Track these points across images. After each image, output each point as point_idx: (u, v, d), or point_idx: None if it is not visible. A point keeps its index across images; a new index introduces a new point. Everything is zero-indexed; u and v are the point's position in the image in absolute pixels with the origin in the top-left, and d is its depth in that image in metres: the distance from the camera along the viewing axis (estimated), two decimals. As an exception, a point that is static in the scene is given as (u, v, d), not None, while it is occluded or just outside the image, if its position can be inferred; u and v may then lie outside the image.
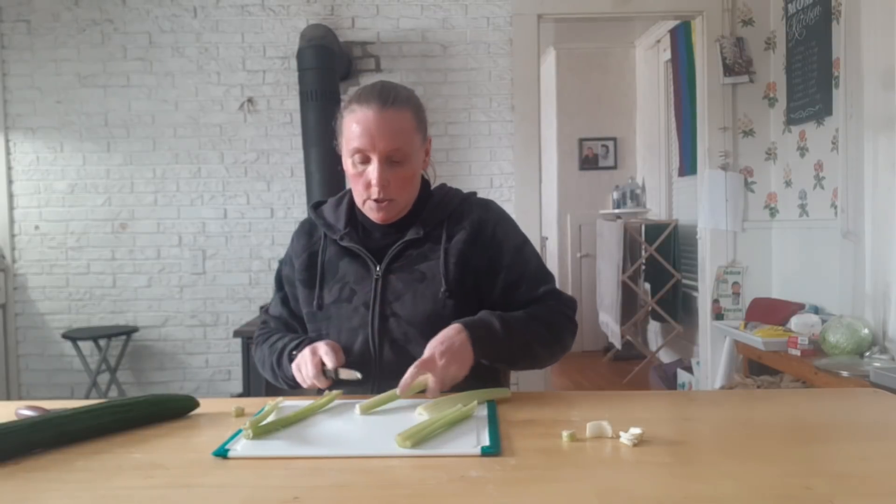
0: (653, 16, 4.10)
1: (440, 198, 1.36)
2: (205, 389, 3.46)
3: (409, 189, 1.29)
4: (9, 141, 3.46)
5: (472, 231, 1.31)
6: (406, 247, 1.31)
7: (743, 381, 3.00)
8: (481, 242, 1.31)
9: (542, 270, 1.36)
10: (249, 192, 3.48)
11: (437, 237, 1.31)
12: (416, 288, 1.28)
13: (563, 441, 0.92)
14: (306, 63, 3.11)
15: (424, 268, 1.29)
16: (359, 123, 1.22)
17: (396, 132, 1.22)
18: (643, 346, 4.97)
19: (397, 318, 1.26)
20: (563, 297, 1.34)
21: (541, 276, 1.35)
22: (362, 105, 1.23)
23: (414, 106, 1.28)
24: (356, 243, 1.32)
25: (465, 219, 1.33)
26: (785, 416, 1.07)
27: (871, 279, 2.65)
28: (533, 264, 1.34)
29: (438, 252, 1.30)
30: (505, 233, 1.34)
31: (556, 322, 1.29)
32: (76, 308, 3.51)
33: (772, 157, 3.49)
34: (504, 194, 3.49)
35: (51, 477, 0.84)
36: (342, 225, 1.35)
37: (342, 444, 0.94)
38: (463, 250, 1.30)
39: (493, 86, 3.48)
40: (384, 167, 1.23)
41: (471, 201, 1.38)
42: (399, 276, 1.29)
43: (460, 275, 1.28)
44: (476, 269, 1.30)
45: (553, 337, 1.28)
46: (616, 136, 5.48)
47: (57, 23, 3.43)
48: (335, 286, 1.32)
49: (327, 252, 1.35)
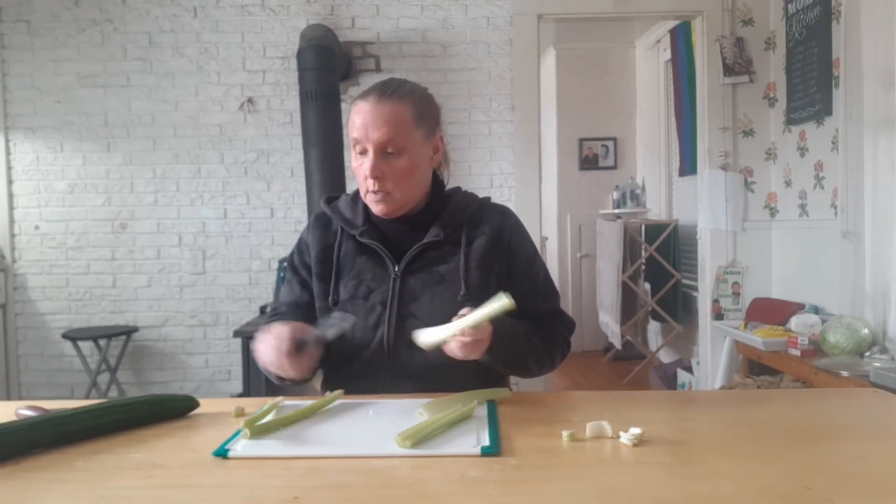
0: (653, 16, 4.10)
1: (459, 201, 1.36)
2: (205, 389, 3.46)
3: (408, 183, 1.27)
4: (9, 141, 3.46)
5: (492, 237, 1.32)
6: (425, 248, 1.30)
7: (743, 381, 3.00)
8: (500, 249, 1.33)
9: (550, 286, 1.38)
10: (249, 192, 3.48)
11: (457, 240, 1.31)
12: (434, 290, 1.28)
13: (563, 441, 0.92)
14: (306, 63, 3.11)
15: (443, 270, 1.29)
16: (358, 115, 1.24)
17: (390, 123, 1.22)
18: (643, 346, 4.97)
19: (415, 318, 1.26)
20: (565, 319, 1.38)
21: (548, 292, 1.37)
22: (363, 98, 1.25)
23: (416, 100, 1.27)
24: (376, 240, 1.31)
25: (485, 223, 1.34)
26: (785, 416, 1.07)
27: (871, 279, 2.65)
28: (541, 278, 1.37)
29: (458, 255, 1.30)
30: (520, 243, 1.36)
31: (554, 342, 1.32)
32: (76, 308, 3.51)
33: (772, 157, 3.49)
34: (504, 194, 3.49)
35: (51, 477, 0.84)
36: (360, 221, 1.34)
37: (342, 444, 0.94)
38: (483, 255, 1.30)
39: (493, 86, 3.48)
40: (378, 158, 1.23)
41: (490, 206, 1.39)
42: (418, 276, 1.29)
43: (479, 279, 1.29)
44: (494, 275, 1.31)
45: (547, 355, 1.30)
46: (616, 136, 5.48)
47: (57, 23, 3.43)
48: (351, 282, 1.31)
49: (343, 247, 1.34)
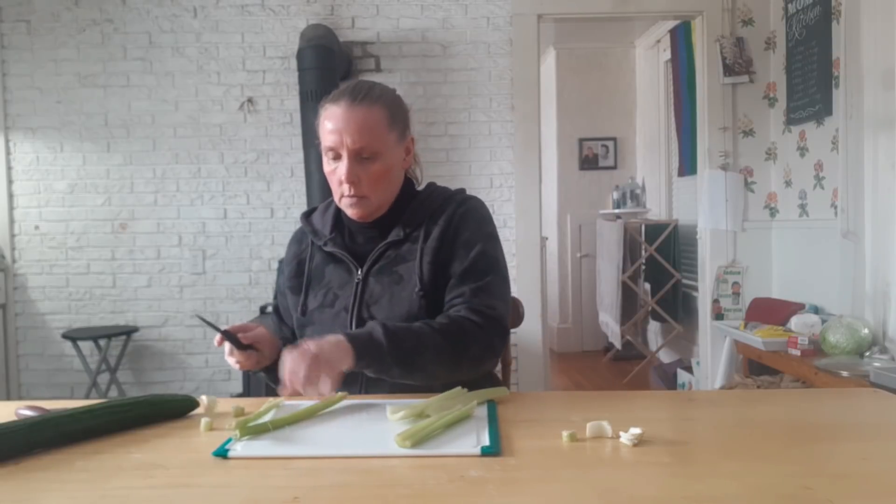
0: (653, 16, 4.10)
1: (423, 198, 1.35)
2: (205, 389, 3.46)
3: (383, 186, 1.28)
4: (9, 141, 3.46)
5: (443, 227, 1.30)
6: (386, 248, 1.30)
7: (743, 381, 3.00)
8: (447, 238, 1.29)
9: (478, 268, 1.26)
10: (249, 192, 3.48)
11: (416, 237, 1.31)
12: (392, 290, 1.28)
13: (563, 441, 0.92)
14: (306, 63, 3.11)
15: (402, 269, 1.29)
16: (330, 120, 1.24)
17: (364, 129, 1.22)
18: (643, 346, 4.97)
19: (375, 321, 1.25)
20: (482, 301, 1.23)
21: (469, 274, 1.25)
22: (334, 102, 1.24)
23: (388, 103, 1.27)
24: (340, 248, 1.33)
25: (442, 216, 1.31)
26: (785, 416, 1.07)
27: (871, 279, 2.65)
28: (473, 260, 1.26)
29: (416, 252, 1.29)
30: (465, 227, 1.29)
31: (457, 331, 1.19)
32: (76, 308, 3.51)
33: (772, 157, 3.49)
34: (504, 194, 3.49)
35: (51, 477, 0.84)
36: (328, 230, 1.36)
37: (342, 444, 0.94)
38: (435, 248, 1.28)
39: (493, 86, 3.48)
40: (353, 164, 1.23)
41: (454, 199, 1.35)
42: (378, 278, 1.29)
43: (433, 274, 1.27)
44: (444, 266, 1.28)
45: (452, 346, 1.17)
46: (616, 136, 5.48)
47: (57, 23, 3.43)
48: (320, 292, 1.33)
49: (314, 259, 1.37)
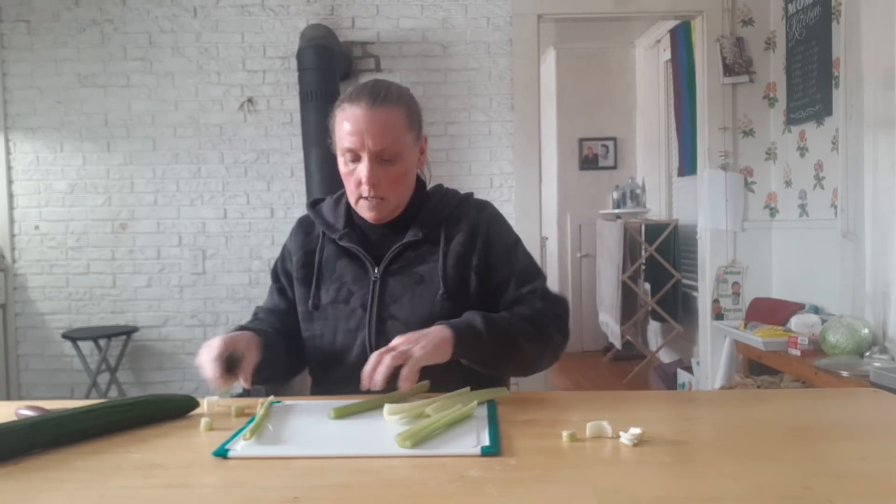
0: (653, 16, 4.10)
1: (438, 199, 1.35)
2: (205, 389, 3.42)
3: (402, 188, 1.28)
4: (9, 141, 3.46)
5: (469, 233, 1.31)
6: (404, 249, 1.30)
7: (743, 381, 3.00)
8: (477, 244, 1.31)
9: (531, 269, 1.32)
10: (249, 192, 3.48)
11: (436, 239, 1.31)
12: (414, 290, 1.27)
13: (563, 441, 0.92)
14: (306, 63, 3.11)
15: (423, 270, 1.29)
16: (349, 121, 1.22)
17: (386, 130, 1.21)
18: (643, 346, 4.97)
19: (395, 320, 1.26)
20: (550, 296, 1.30)
21: (528, 275, 1.31)
22: (353, 103, 1.23)
23: (406, 104, 1.27)
24: (355, 244, 1.31)
25: (463, 220, 1.32)
26: (785, 416, 1.07)
27: (871, 279, 2.65)
28: (522, 264, 1.32)
29: (437, 254, 1.29)
30: (498, 233, 1.33)
31: (540, 320, 1.24)
32: (76, 308, 3.51)
33: (772, 157, 3.49)
34: (504, 194, 3.48)
35: (51, 477, 0.84)
36: (341, 224, 1.34)
37: (342, 444, 0.94)
38: (461, 252, 1.29)
39: (493, 86, 3.48)
40: (374, 165, 1.22)
41: (469, 202, 1.37)
42: (397, 278, 1.29)
43: (458, 277, 1.28)
44: (473, 271, 1.29)
45: (539, 334, 1.23)
46: (616, 136, 5.48)
47: (57, 23, 3.43)
48: (332, 286, 1.32)
49: (325, 251, 1.35)
